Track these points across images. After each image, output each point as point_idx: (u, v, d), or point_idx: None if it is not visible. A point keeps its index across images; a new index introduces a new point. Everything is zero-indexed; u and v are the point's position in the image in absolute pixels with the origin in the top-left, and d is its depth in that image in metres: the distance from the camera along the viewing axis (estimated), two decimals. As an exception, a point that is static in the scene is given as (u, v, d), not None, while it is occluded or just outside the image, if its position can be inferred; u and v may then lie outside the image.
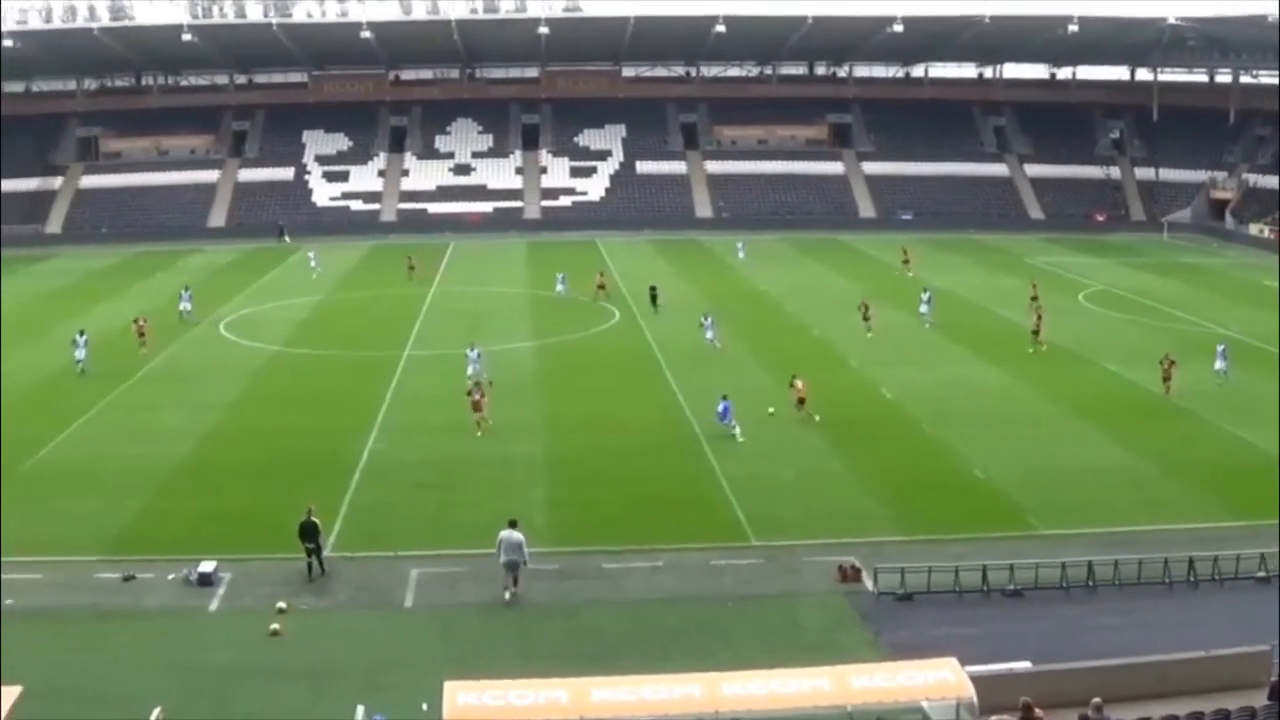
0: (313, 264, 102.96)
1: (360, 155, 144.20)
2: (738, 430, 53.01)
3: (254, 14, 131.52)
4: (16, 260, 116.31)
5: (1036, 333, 70.00)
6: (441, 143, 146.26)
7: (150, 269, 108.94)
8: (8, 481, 49.23)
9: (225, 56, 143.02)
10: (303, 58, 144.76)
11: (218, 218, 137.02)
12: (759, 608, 36.52)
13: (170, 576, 39.30)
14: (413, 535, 42.42)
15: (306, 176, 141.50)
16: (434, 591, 38.14)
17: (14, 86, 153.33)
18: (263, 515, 43.69)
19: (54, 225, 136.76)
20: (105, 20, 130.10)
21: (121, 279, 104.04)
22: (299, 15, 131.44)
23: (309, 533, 38.93)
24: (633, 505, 45.37)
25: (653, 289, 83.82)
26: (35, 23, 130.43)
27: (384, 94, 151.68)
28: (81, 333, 69.37)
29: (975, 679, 25.62)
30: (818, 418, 55.50)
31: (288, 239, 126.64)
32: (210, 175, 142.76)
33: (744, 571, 39.24)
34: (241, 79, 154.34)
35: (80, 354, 67.83)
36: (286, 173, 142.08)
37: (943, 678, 25.56)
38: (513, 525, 37.84)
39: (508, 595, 37.50)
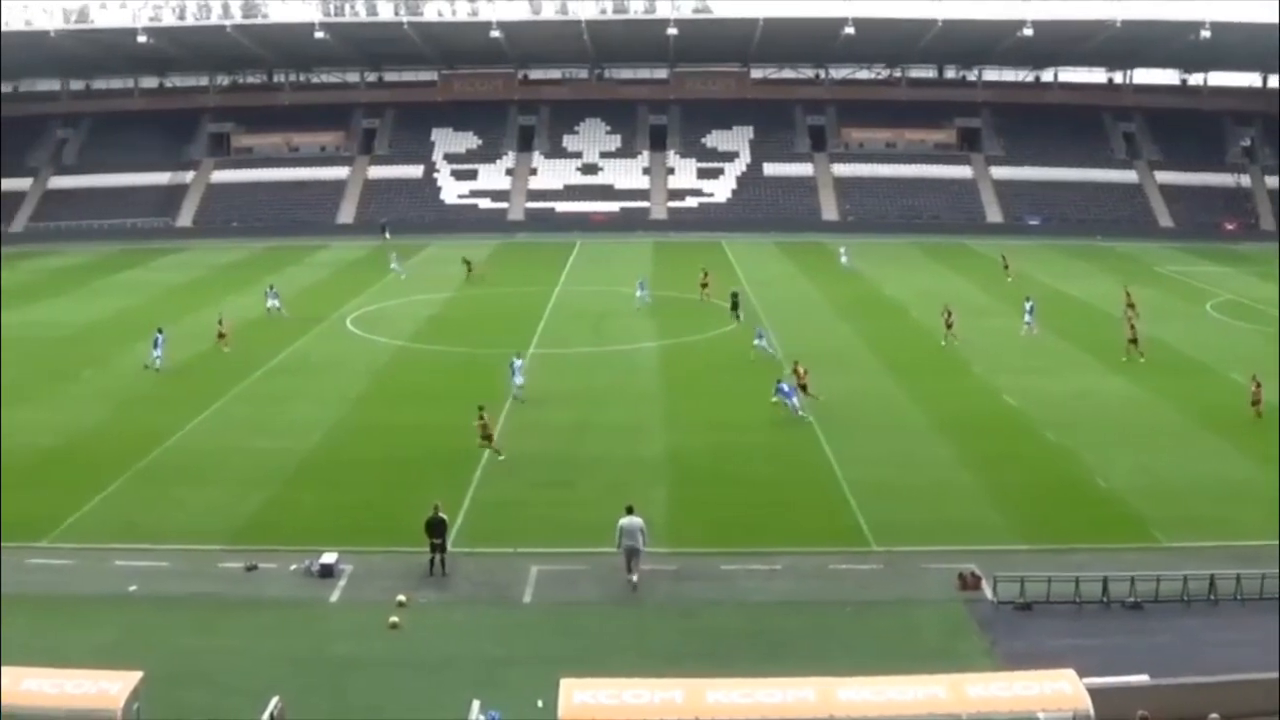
0: (394, 267, 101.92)
1: (489, 154, 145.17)
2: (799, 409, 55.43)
3: (385, 12, 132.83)
4: (147, 253, 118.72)
5: (1134, 341, 68.85)
6: (569, 142, 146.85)
7: (279, 264, 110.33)
8: (136, 471, 50.21)
9: (356, 54, 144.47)
10: (433, 56, 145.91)
11: (346, 214, 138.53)
12: (877, 613, 36.24)
13: (292, 567, 39.74)
14: (533, 532, 42.54)
15: (435, 174, 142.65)
16: (553, 588, 38.21)
17: (149, 82, 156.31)
18: (385, 509, 44.09)
19: (185, 219, 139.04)
20: (238, 18, 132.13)
21: (250, 273, 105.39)
22: (430, 14, 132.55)
23: (437, 529, 39.17)
24: (752, 507, 45.21)
25: (734, 295, 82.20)
26: (169, 19, 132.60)
27: (513, 93, 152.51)
28: (160, 330, 69.82)
29: (1093, 691, 25.24)
30: (822, 398, 56.81)
31: (388, 235, 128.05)
32: (340, 172, 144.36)
33: (863, 576, 38.96)
34: (372, 77, 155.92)
35: (157, 353, 67.91)
36: (415, 170, 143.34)
37: (1060, 689, 25.21)
38: (630, 511, 38.19)
39: (634, 578, 37.83)
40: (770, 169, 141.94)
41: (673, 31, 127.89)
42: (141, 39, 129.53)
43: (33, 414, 59.79)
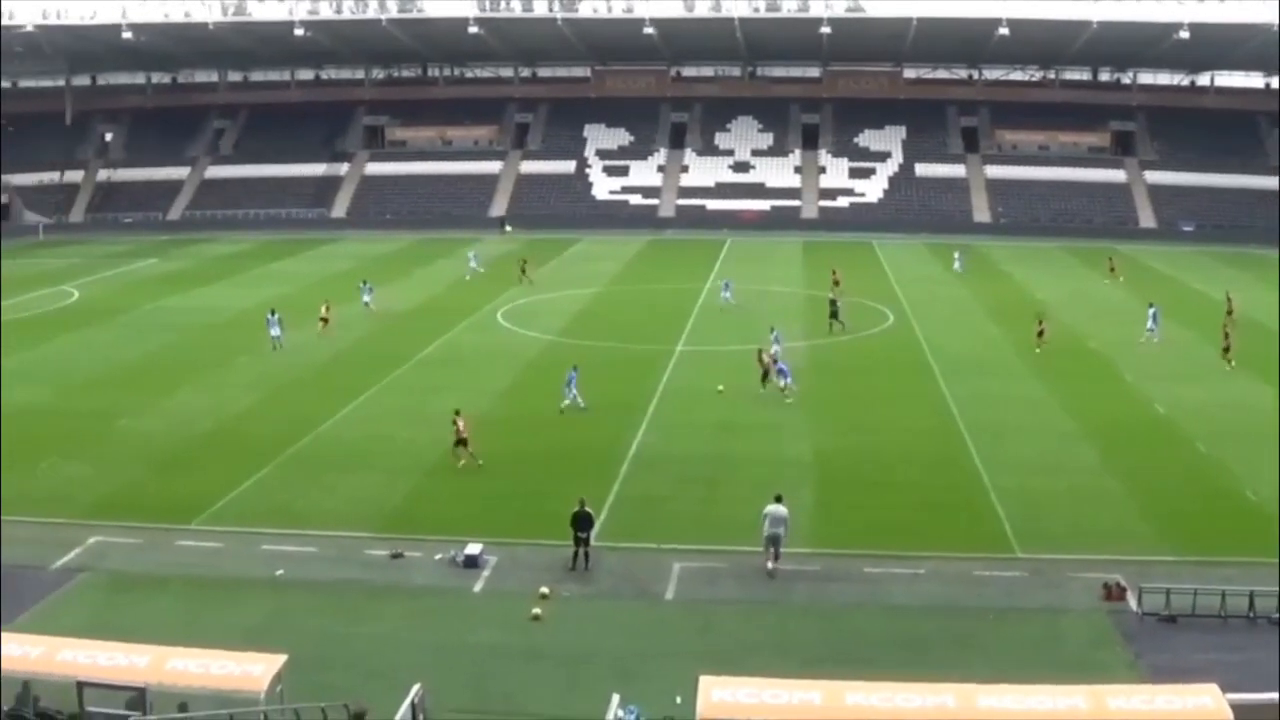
0: (472, 264, 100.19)
1: (641, 150, 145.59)
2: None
3: (540, 8, 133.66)
4: (301, 243, 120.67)
5: (1227, 349, 67.39)
6: (721, 140, 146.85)
7: (431, 256, 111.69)
8: (287, 457, 51.09)
9: (510, 49, 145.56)
10: (586, 52, 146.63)
11: (498, 208, 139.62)
12: (1019, 621, 35.84)
13: (437, 557, 40.18)
14: (677, 529, 42.55)
15: (587, 170, 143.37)
16: (695, 585, 38.25)
17: (305, 74, 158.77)
18: (531, 501, 44.38)
19: (339, 210, 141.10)
20: (394, 12, 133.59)
21: (402, 265, 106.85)
22: (584, 10, 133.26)
23: (583, 522, 39.38)
24: (897, 510, 44.93)
25: (832, 301, 79.41)
26: (326, 13, 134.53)
27: (665, 90, 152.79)
28: (273, 312, 72.72)
29: (1235, 707, 24.82)
30: (783, 386, 59.21)
31: (508, 229, 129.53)
32: (493, 166, 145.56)
33: (1007, 583, 38.56)
34: (526, 72, 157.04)
35: (275, 331, 71.41)
36: (568, 166, 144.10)
37: (1202, 704, 24.77)
38: (778, 500, 38.54)
39: (771, 566, 38.07)
40: (922, 169, 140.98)
41: (826, 30, 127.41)
42: (299, 32, 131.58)
43: (190, 397, 61.36)
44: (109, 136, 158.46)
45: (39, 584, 39.45)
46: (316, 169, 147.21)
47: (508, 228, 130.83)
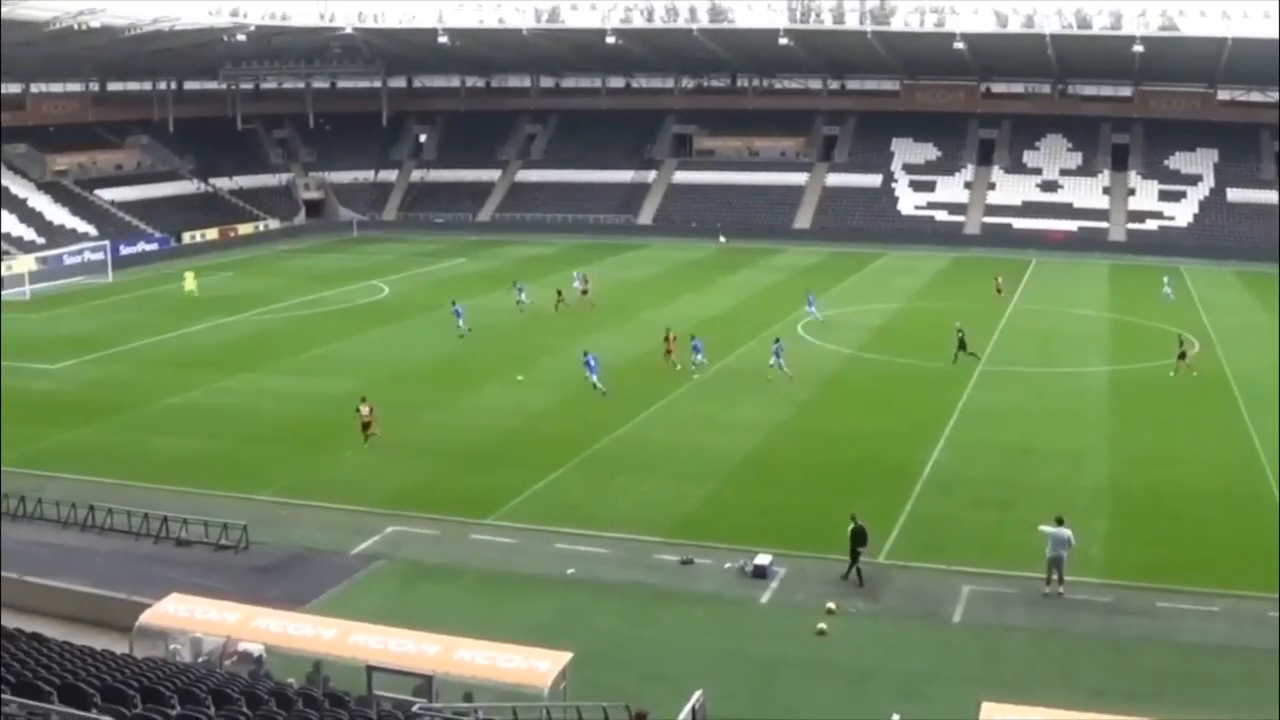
0: (521, 297, 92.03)
1: (948, 166, 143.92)
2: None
3: (850, 21, 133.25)
4: (607, 248, 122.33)
5: None
6: (1030, 158, 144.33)
7: (734, 265, 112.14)
8: (584, 458, 51.96)
9: (820, 61, 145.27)
10: (895, 66, 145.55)
11: (803, 220, 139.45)
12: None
13: (726, 565, 40.46)
14: (967, 550, 42.14)
15: (893, 184, 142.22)
16: (983, 609, 37.83)
17: (615, 82, 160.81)
18: (822, 514, 44.18)
19: (645, 217, 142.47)
20: (705, 22, 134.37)
21: (706, 273, 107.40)
22: (895, 24, 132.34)
23: (863, 537, 39.36)
24: (1194, 545, 43.63)
25: (959, 332, 73.74)
26: (638, 21, 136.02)
27: (974, 105, 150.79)
28: (454, 302, 79.89)
29: None
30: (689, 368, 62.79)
31: (723, 240, 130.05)
32: (799, 178, 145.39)
33: (1306, 627, 37.27)
34: (834, 84, 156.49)
35: (461, 322, 79.00)
36: (874, 179, 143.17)
37: None
38: (1060, 522, 38.21)
39: (1046, 590, 37.82)
40: (1234, 194, 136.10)
41: (1138, 49, 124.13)
42: (610, 40, 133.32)
43: (492, 395, 63.11)
44: (423, 138, 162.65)
45: (336, 569, 40.96)
46: (624, 175, 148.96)
47: (722, 239, 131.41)
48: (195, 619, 30.64)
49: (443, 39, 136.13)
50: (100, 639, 30.72)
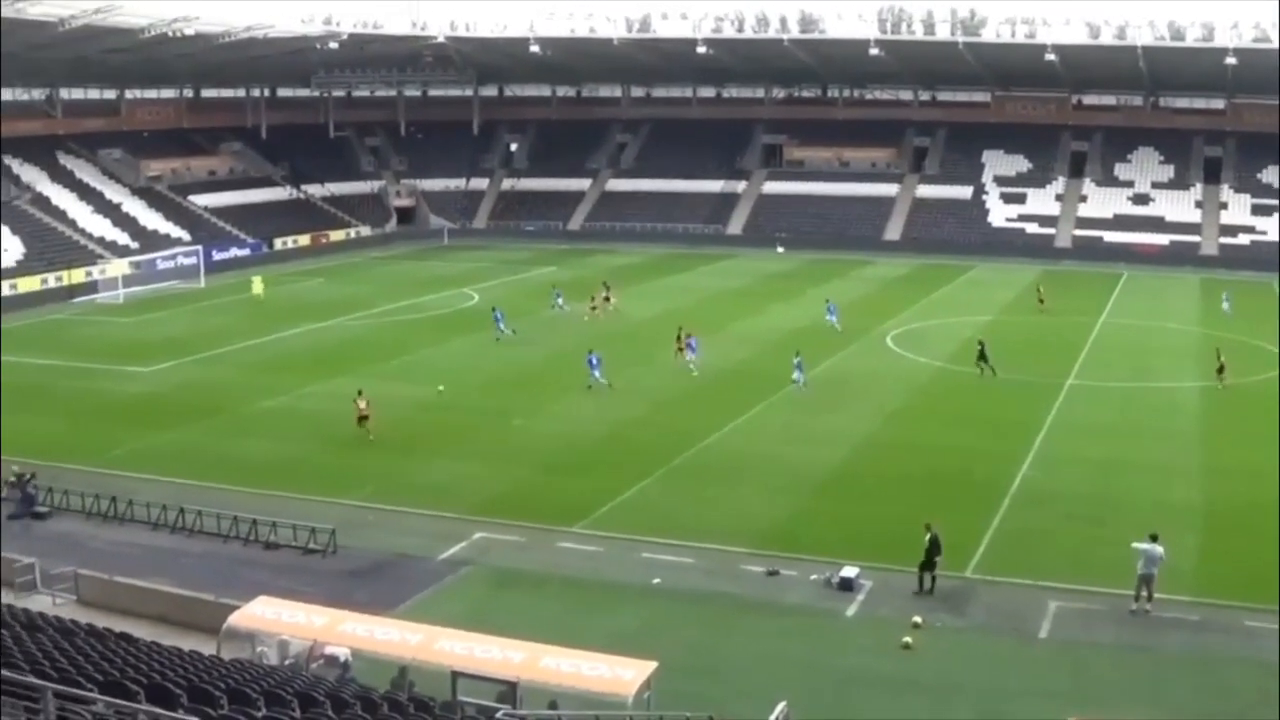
0: (560, 303, 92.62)
1: (1039, 178, 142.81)
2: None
3: (942, 32, 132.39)
4: (696, 258, 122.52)
5: None
6: (1121, 170, 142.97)
7: (824, 276, 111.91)
8: (671, 467, 52.10)
9: (910, 72, 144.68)
10: (986, 77, 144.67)
11: (893, 231, 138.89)
12: None
13: (812, 577, 40.43)
14: (1055, 566, 41.76)
15: (984, 196, 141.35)
16: (1070, 626, 37.51)
17: (706, 91, 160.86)
18: (909, 528, 43.69)
19: (734, 227, 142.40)
20: (796, 32, 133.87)
21: (795, 284, 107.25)
22: (986, 35, 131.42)
23: (938, 548, 39.42)
24: (1287, 563, 43.25)
25: (980, 345, 73.00)
26: (728, 31, 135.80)
27: (1065, 118, 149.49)
28: (494, 308, 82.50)
29: None
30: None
31: (781, 250, 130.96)
32: (889, 189, 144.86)
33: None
34: (925, 95, 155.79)
35: (501, 325, 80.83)
36: (964, 191, 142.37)
37: None
38: (1154, 539, 37.93)
39: (1134, 607, 37.62)
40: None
41: (1231, 60, 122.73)
42: (701, 49, 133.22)
43: (581, 403, 63.43)
44: (514, 146, 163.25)
45: (424, 574, 41.29)
46: (714, 185, 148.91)
47: (780, 249, 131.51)
48: (282, 622, 30.98)
49: (534, 48, 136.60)
50: (188, 640, 31.11)
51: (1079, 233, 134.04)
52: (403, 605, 37.63)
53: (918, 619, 36.77)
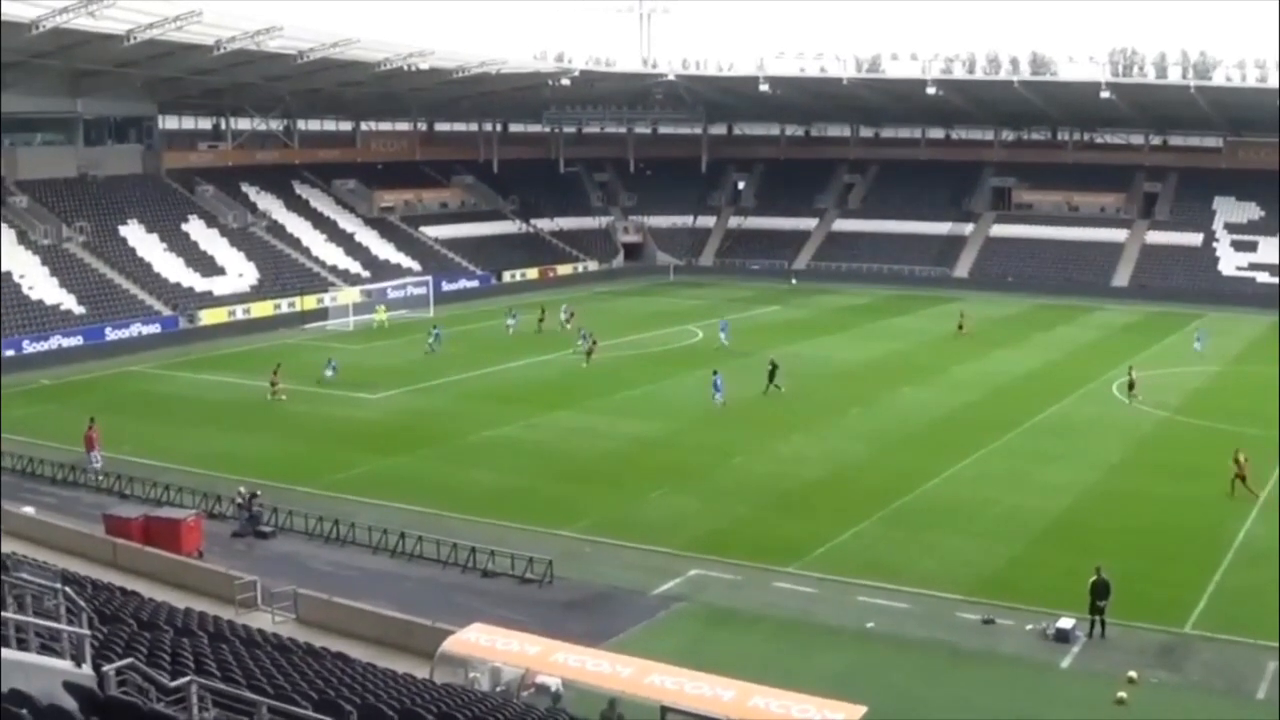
0: (512, 323, 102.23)
1: (1271, 226, 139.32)
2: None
3: (1173, 75, 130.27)
4: (921, 300, 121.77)
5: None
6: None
7: (1050, 322, 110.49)
8: (890, 511, 52.11)
9: (1141, 116, 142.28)
10: (1218, 121, 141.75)
11: (1121, 278, 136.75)
12: None
13: (1029, 627, 40.22)
14: (1276, 626, 40.98)
15: (1214, 244, 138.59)
16: (1291, 686, 36.79)
17: (935, 133, 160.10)
18: (1129, 581, 43.09)
19: (961, 270, 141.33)
20: (1026, 74, 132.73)
21: (1020, 329, 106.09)
22: (1218, 79, 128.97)
23: (1101, 591, 39.18)
24: None
25: (772, 363, 76.91)
26: (959, 72, 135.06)
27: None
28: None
29: None
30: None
31: (795, 281, 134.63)
32: (1118, 234, 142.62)
33: None
34: (1156, 140, 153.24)
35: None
36: (1194, 238, 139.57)
37: None
38: None
39: None
40: None
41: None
42: (930, 90, 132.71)
43: (802, 443, 63.72)
44: (741, 185, 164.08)
45: (637, 608, 41.90)
46: (942, 227, 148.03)
47: (794, 280, 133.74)
48: (496, 649, 31.78)
49: (763, 87, 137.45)
50: (402, 663, 32.11)
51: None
52: (615, 638, 38.26)
53: (1133, 674, 36.36)
